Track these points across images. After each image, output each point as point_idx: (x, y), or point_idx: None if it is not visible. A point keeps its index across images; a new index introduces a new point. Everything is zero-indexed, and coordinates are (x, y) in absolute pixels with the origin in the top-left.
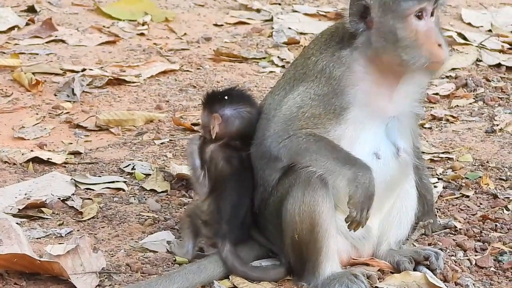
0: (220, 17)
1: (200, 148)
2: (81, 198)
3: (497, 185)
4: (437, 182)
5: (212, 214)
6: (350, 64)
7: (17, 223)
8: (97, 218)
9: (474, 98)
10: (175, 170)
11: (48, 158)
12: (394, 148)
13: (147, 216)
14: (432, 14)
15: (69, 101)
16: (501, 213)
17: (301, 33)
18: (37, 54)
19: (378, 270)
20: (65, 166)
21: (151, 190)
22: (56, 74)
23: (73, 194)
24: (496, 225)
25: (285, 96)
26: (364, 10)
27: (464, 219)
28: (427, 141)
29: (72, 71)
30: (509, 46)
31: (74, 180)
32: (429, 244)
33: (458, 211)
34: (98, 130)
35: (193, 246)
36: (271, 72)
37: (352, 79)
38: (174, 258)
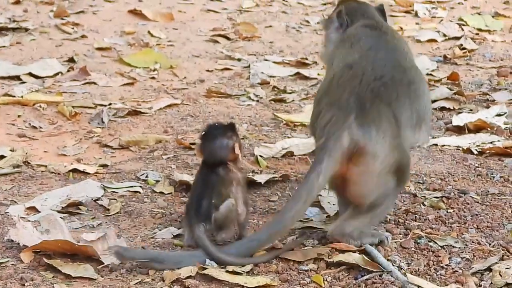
0: (211, 65)
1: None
2: (108, 198)
3: (416, 187)
4: None
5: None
6: None
7: (60, 217)
8: (120, 214)
9: None
10: (178, 178)
11: (84, 169)
12: None
13: (157, 211)
14: None
15: (99, 127)
16: (419, 207)
17: (271, 76)
18: (76, 92)
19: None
20: (96, 175)
21: (160, 192)
22: (90, 107)
23: (102, 196)
24: (415, 217)
25: None
26: None
27: (393, 212)
28: None
29: (101, 105)
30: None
31: (103, 185)
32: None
33: None
34: (120, 149)
35: (189, 236)
36: (249, 105)
37: None
38: (174, 243)
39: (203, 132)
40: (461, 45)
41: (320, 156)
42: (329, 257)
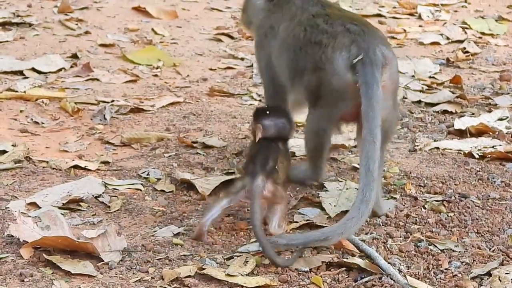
0: (214, 63)
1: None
2: (109, 195)
3: (417, 190)
4: None
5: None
6: None
7: (61, 214)
8: (121, 211)
9: (400, 126)
10: (179, 176)
11: (85, 166)
12: None
13: (158, 209)
14: None
15: (102, 124)
16: (419, 211)
17: None
18: (78, 89)
19: None
20: (97, 172)
21: (161, 190)
22: (92, 104)
23: (103, 193)
24: (416, 220)
25: None
26: None
27: (393, 215)
28: None
29: (104, 101)
30: (427, 87)
31: (104, 182)
32: (366, 233)
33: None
34: (122, 146)
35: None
36: (251, 104)
37: None
38: (174, 242)
39: (267, 111)
40: (464, 48)
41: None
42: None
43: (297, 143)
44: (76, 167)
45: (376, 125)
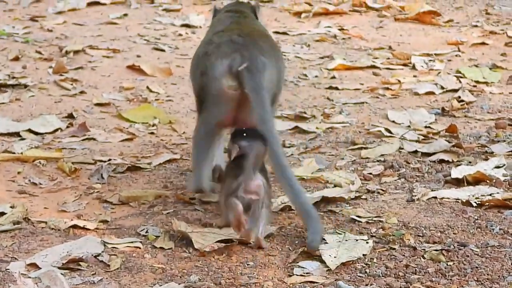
0: None
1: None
2: (108, 254)
3: (416, 240)
4: (370, 239)
5: None
6: None
7: (61, 274)
8: (121, 269)
9: (398, 176)
10: (177, 227)
11: (84, 225)
12: None
13: (157, 267)
14: None
15: (99, 183)
16: (419, 260)
17: None
18: (75, 148)
19: None
20: (96, 231)
21: (160, 247)
22: (89, 163)
23: (102, 251)
24: (415, 270)
25: None
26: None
27: (393, 266)
28: (363, 208)
29: (101, 161)
30: (423, 137)
31: (103, 241)
32: (366, 285)
33: (388, 260)
34: (120, 204)
35: None
36: None
37: None
38: None
39: (244, 133)
40: (459, 97)
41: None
42: None
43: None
44: (75, 226)
45: (272, 126)
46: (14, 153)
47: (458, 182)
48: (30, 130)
